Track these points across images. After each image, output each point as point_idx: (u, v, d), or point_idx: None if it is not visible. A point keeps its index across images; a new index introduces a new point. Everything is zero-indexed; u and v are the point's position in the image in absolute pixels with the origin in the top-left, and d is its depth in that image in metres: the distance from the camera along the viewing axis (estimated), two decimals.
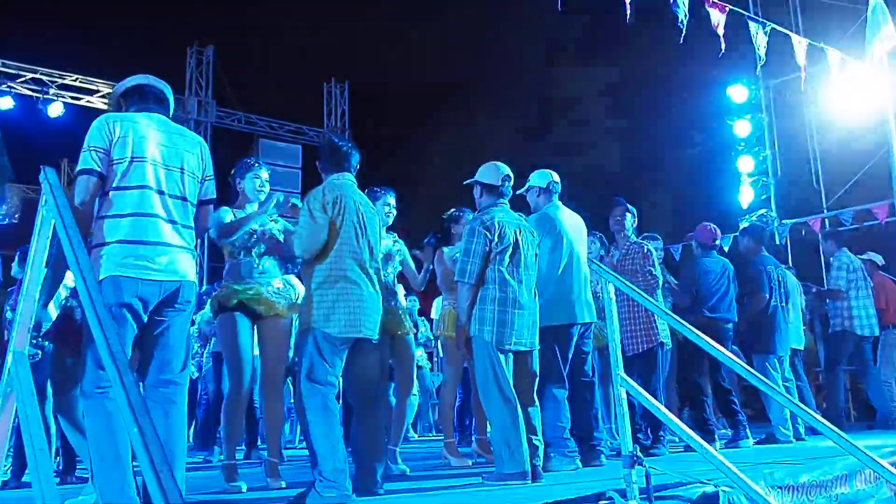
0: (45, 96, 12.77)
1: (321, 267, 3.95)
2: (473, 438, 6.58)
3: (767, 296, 6.85)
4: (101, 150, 3.25)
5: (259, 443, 7.75)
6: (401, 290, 5.89)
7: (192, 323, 7.11)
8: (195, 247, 3.55)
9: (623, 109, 25.26)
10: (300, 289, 4.78)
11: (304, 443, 4.06)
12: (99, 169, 3.23)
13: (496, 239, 4.46)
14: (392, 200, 5.43)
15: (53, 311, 4.34)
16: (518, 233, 4.58)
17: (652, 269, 6.00)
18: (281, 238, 4.79)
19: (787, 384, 6.86)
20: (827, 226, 13.31)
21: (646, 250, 6.09)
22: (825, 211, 13.52)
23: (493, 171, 4.77)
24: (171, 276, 3.28)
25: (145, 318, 3.27)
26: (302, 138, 16.15)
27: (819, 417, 3.81)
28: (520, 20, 25.57)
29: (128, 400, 1.58)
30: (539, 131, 26.61)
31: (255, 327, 4.74)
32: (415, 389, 7.74)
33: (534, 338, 4.53)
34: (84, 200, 3.21)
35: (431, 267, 5.76)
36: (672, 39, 8.32)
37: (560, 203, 5.41)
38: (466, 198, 5.17)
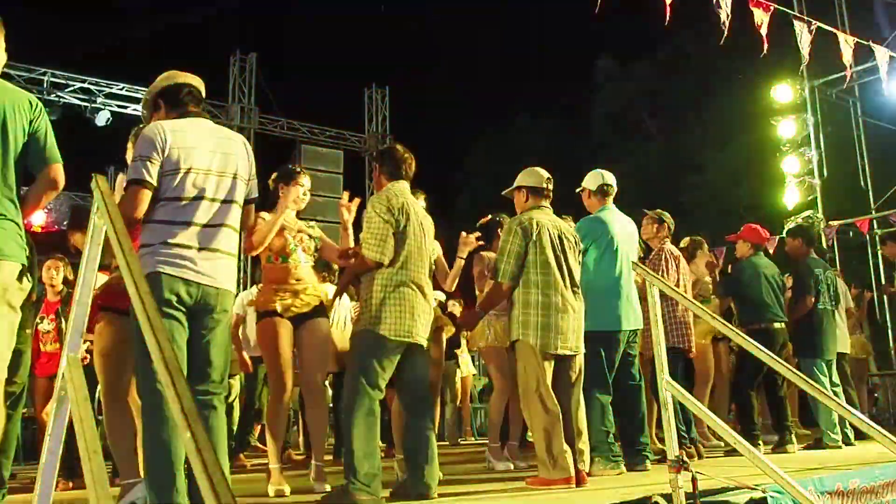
0: (93, 105, 13.02)
1: (384, 272, 4.01)
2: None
3: (813, 299, 6.74)
4: (153, 161, 3.25)
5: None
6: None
7: None
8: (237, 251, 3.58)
9: (665, 111, 25.11)
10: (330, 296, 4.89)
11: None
12: (150, 180, 3.24)
13: (533, 239, 4.46)
14: (423, 202, 5.39)
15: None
16: (559, 235, 4.57)
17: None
18: (318, 244, 4.84)
19: (834, 389, 6.74)
20: (875, 227, 13.08)
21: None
22: (873, 212, 13.28)
23: (535, 175, 4.80)
24: (210, 280, 3.31)
25: (185, 314, 3.30)
26: (343, 144, 16.24)
27: (868, 421, 3.74)
28: (560, 23, 25.51)
29: (180, 405, 1.61)
30: (580, 134, 26.53)
31: (295, 332, 4.76)
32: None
33: (579, 342, 4.52)
34: (135, 212, 3.22)
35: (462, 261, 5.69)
36: (714, 40, 8.25)
37: (613, 206, 5.38)
38: (506, 205, 5.17)
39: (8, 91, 3.16)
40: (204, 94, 3.68)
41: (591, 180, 5.41)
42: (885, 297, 12.08)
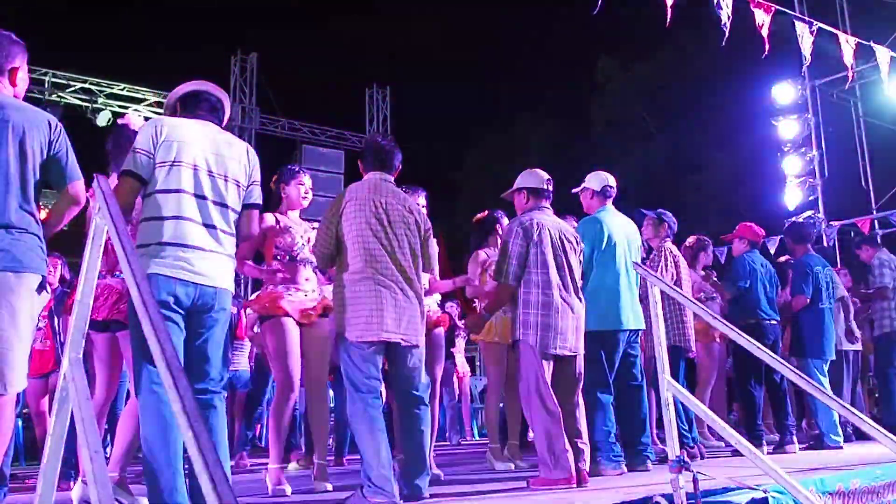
0: (94, 105, 13.02)
1: (341, 270, 3.95)
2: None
3: (809, 297, 6.73)
4: (146, 153, 3.30)
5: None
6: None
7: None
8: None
9: (666, 111, 25.10)
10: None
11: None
12: (138, 171, 3.28)
13: (535, 239, 4.46)
14: (423, 200, 5.36)
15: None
16: (560, 236, 4.58)
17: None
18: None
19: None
20: (876, 227, 13.08)
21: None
22: (874, 212, 13.28)
23: (536, 176, 4.81)
24: (207, 280, 3.31)
25: (182, 315, 3.29)
26: (344, 144, 16.26)
27: (870, 421, 3.73)
28: (561, 22, 25.51)
29: (182, 404, 1.61)
30: (580, 134, 26.52)
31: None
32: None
33: (578, 342, 4.52)
34: (125, 201, 3.24)
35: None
36: (715, 40, 8.25)
37: (612, 207, 5.38)
38: (506, 204, 5.18)
39: (27, 111, 3.22)
40: (227, 107, 3.72)
41: (595, 181, 5.40)
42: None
